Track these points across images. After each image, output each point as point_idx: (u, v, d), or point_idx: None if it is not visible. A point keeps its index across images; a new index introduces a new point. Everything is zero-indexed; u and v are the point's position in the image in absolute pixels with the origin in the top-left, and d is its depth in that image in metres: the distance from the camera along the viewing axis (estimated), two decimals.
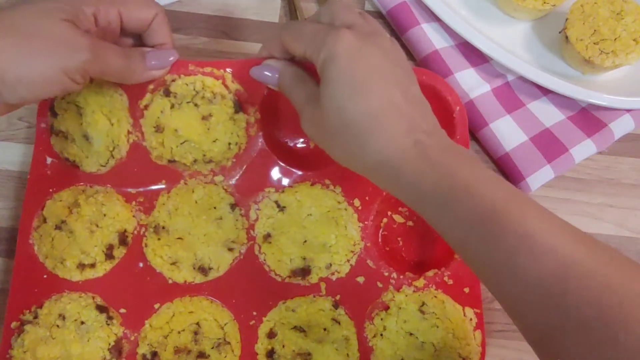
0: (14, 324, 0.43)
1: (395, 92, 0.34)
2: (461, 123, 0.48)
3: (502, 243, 0.30)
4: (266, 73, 0.40)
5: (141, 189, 0.47)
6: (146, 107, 0.45)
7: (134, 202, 0.46)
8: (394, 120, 0.34)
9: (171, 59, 0.42)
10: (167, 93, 0.44)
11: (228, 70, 0.45)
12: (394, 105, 0.34)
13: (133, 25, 0.40)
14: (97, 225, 0.45)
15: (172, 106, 0.44)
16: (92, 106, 0.45)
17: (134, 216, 0.46)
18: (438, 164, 0.33)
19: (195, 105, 0.45)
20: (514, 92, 0.54)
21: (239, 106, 0.46)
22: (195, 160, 0.46)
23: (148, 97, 0.44)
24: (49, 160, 0.46)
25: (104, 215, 0.45)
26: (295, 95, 0.39)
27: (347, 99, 0.34)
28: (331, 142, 0.37)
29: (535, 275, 0.30)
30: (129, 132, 0.46)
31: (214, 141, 0.46)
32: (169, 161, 0.46)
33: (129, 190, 0.46)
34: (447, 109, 0.48)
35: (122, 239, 0.46)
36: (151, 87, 0.44)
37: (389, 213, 0.50)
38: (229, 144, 0.46)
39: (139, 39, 0.43)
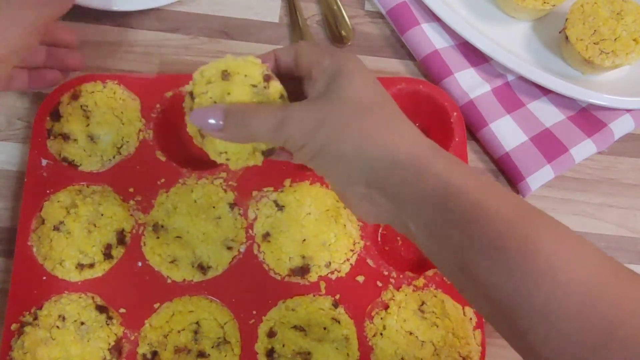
0: (13, 326, 0.43)
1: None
2: (459, 127, 0.50)
3: (515, 272, 0.28)
4: (210, 121, 0.32)
5: (139, 189, 0.47)
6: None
7: (131, 201, 0.47)
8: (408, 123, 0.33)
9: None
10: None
11: None
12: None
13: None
14: (95, 225, 0.45)
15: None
16: (103, 108, 0.47)
17: (131, 215, 0.46)
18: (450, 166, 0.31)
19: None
20: (514, 92, 0.54)
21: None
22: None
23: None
24: (44, 162, 0.47)
25: (101, 214, 0.45)
26: (261, 118, 0.32)
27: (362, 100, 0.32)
28: (338, 134, 0.31)
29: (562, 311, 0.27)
30: (140, 130, 0.48)
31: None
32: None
33: (128, 189, 0.47)
34: (444, 115, 0.50)
35: (120, 238, 0.46)
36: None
37: None
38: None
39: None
